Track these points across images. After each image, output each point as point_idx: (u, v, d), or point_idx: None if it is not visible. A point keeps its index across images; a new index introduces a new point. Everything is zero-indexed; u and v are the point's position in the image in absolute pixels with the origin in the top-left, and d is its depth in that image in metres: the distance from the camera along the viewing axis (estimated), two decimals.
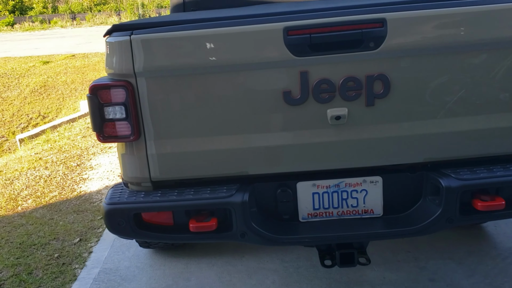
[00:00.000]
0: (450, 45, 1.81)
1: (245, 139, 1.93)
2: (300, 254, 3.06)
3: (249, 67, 1.85)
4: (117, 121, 1.90)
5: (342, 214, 2.03)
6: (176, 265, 3.06)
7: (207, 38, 1.82)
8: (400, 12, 1.79)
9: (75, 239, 3.45)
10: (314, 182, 1.99)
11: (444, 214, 1.89)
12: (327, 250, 2.14)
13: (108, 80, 1.89)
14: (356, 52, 1.81)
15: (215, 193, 1.92)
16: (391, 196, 2.01)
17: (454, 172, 1.91)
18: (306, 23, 1.80)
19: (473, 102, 1.88)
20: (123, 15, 23.14)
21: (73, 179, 4.68)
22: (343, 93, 1.85)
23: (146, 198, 1.95)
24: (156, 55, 1.84)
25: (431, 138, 1.92)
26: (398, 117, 1.89)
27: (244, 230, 1.92)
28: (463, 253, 2.94)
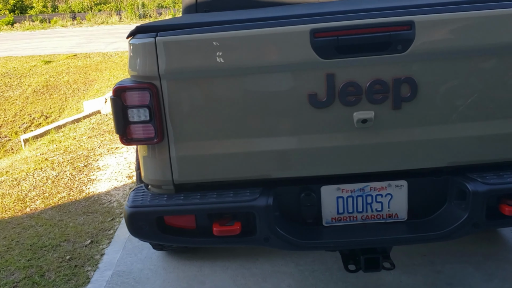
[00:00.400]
0: (478, 48, 1.79)
1: (269, 141, 1.90)
2: (315, 257, 3.04)
3: (275, 69, 1.83)
4: (141, 123, 1.87)
5: (366, 219, 2.01)
6: (189, 268, 3.03)
7: (233, 40, 1.80)
8: (428, 14, 1.77)
9: (86, 241, 3.42)
10: (339, 186, 1.97)
11: (470, 219, 1.87)
12: (350, 254, 2.12)
13: (132, 82, 1.86)
14: (384, 55, 1.79)
15: (239, 197, 1.90)
16: (416, 201, 1.99)
17: (480, 176, 1.89)
18: (334, 25, 1.77)
19: (500, 106, 1.86)
20: (123, 14, 23.11)
21: (80, 180, 4.65)
22: (369, 96, 1.83)
23: (169, 201, 1.93)
24: (181, 57, 1.82)
25: (457, 142, 1.90)
26: (424, 120, 1.87)
27: (268, 234, 1.90)
28: (479, 258, 2.92)
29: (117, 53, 12.97)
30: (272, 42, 1.80)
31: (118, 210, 3.92)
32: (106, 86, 9.75)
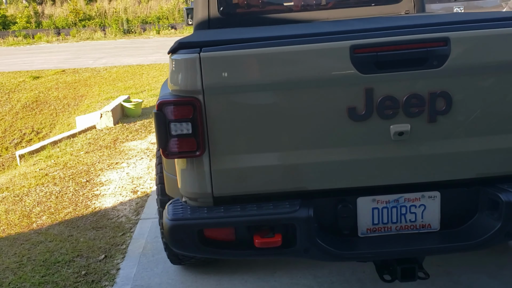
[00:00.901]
0: (509, 64, 1.88)
1: (307, 154, 1.95)
2: (332, 269, 3.07)
3: (316, 84, 1.88)
4: (183, 137, 1.90)
5: (400, 229, 2.06)
6: (208, 281, 3.04)
7: (276, 55, 1.86)
8: (463, 31, 1.85)
9: (100, 256, 3.40)
10: (374, 197, 2.02)
11: (503, 228, 1.94)
12: (384, 264, 2.16)
13: (175, 96, 1.90)
14: (420, 70, 1.86)
15: (279, 208, 1.94)
16: (448, 211, 2.05)
17: (511, 187, 1.96)
18: (373, 41, 1.84)
19: None
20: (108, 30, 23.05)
21: (85, 195, 4.61)
22: (406, 110, 1.89)
23: (210, 214, 1.95)
24: (225, 72, 1.86)
25: (487, 154, 1.98)
26: (457, 133, 1.95)
27: (308, 245, 1.94)
28: (494, 267, 2.99)
29: (105, 68, 12.93)
30: (314, 58, 1.85)
31: (127, 225, 3.90)
32: (96, 101, 9.68)
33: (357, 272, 3.02)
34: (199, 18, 3.43)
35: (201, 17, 3.41)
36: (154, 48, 16.29)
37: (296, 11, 3.57)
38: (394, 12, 3.50)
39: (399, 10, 3.49)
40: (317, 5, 3.62)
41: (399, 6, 3.49)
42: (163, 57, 14.56)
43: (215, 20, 3.39)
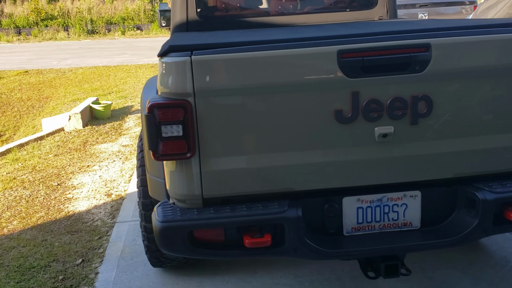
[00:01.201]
0: (487, 69, 1.98)
1: (296, 155, 2.00)
2: (312, 268, 3.14)
3: (305, 87, 1.94)
4: (174, 139, 1.92)
5: (384, 228, 2.14)
6: (189, 283, 3.04)
7: (267, 59, 1.90)
8: (443, 38, 1.94)
9: (77, 260, 3.35)
10: (359, 197, 2.09)
11: (480, 225, 2.04)
12: (368, 262, 2.24)
13: (166, 99, 1.91)
14: (403, 75, 1.95)
15: (269, 209, 1.98)
16: (428, 209, 2.14)
17: (487, 186, 2.07)
18: (360, 46, 1.91)
19: (504, 121, 2.06)
20: (71, 31, 22.56)
21: (57, 198, 4.52)
22: (390, 112, 1.97)
23: (201, 215, 1.97)
24: (216, 75, 1.89)
25: (465, 154, 2.08)
26: (437, 135, 2.04)
27: (297, 245, 1.98)
28: (465, 263, 3.13)
29: (71, 69, 12.66)
30: (303, 61, 1.91)
31: (103, 228, 3.85)
32: (62, 103, 9.46)
33: (336, 270, 3.10)
34: (177, 21, 3.43)
35: (179, 19, 3.42)
36: (120, 49, 16.06)
37: (274, 15, 3.63)
38: (368, 17, 3.60)
39: (373, 16, 3.61)
40: (294, 9, 3.68)
41: (373, 12, 3.60)
42: (130, 59, 14.38)
43: (193, 22, 3.40)
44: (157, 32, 22.68)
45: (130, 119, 7.48)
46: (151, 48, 17.25)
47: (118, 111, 7.99)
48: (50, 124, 7.37)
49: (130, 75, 11.62)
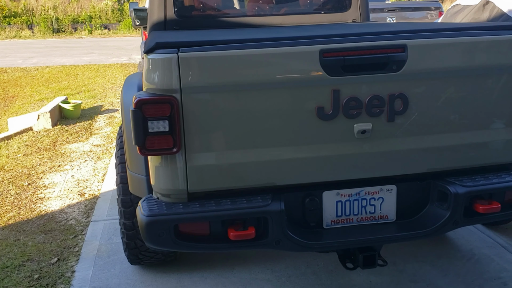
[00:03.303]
0: (459, 69, 2.10)
1: (279, 151, 2.07)
2: (288, 263, 3.21)
3: (288, 84, 2.00)
4: (160, 134, 1.95)
5: (361, 220, 2.23)
6: (168, 280, 3.06)
7: (252, 57, 1.96)
8: (419, 39, 2.05)
9: (53, 259, 3.31)
10: (338, 191, 2.18)
11: (452, 217, 2.16)
12: (346, 254, 2.32)
13: (153, 95, 1.94)
14: (381, 74, 2.04)
15: (253, 203, 2.03)
16: (403, 203, 2.25)
17: (458, 180, 2.19)
18: (340, 46, 2.00)
19: (474, 119, 2.18)
20: (36, 29, 22.04)
21: (28, 198, 4.44)
22: (368, 110, 2.06)
23: (186, 209, 2.01)
24: (202, 72, 1.93)
25: (438, 150, 2.19)
26: (412, 132, 2.14)
27: (280, 237, 2.05)
28: (433, 256, 3.27)
29: (37, 68, 12.39)
30: (287, 60, 1.98)
31: (78, 227, 3.82)
32: (29, 102, 9.25)
33: (312, 265, 3.18)
34: (155, 19, 3.45)
35: (157, 18, 3.44)
36: (88, 48, 15.80)
37: (251, 15, 3.69)
38: (342, 20, 3.72)
39: (347, 18, 3.72)
40: (270, 11, 3.76)
41: (347, 15, 3.71)
42: (98, 58, 14.17)
43: (171, 21, 3.43)
44: (125, 32, 22.40)
45: (100, 119, 7.40)
46: (119, 47, 17.05)
47: (88, 111, 7.88)
48: (17, 124, 7.20)
49: (98, 75, 11.46)
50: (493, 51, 2.13)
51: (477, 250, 3.33)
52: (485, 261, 3.19)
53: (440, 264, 3.18)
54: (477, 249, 3.34)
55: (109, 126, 6.97)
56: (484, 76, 2.16)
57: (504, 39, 2.12)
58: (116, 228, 3.68)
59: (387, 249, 3.29)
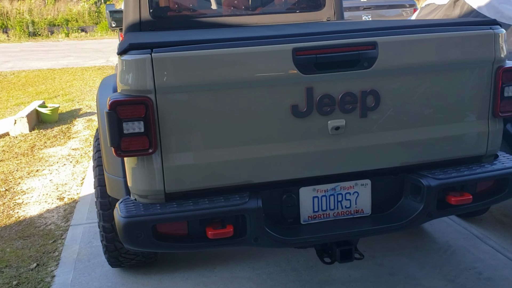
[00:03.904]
0: (428, 65, 2.16)
1: (255, 149, 2.09)
2: (269, 260, 3.24)
3: (262, 83, 2.03)
4: (136, 135, 1.95)
5: (337, 215, 2.27)
6: (149, 281, 3.06)
7: (225, 57, 1.98)
8: (389, 36, 2.10)
9: (32, 265, 3.28)
10: (314, 187, 2.21)
11: (425, 210, 2.21)
12: (324, 248, 2.36)
13: (127, 96, 1.94)
14: (353, 71, 2.08)
15: (230, 201, 2.05)
16: (378, 197, 2.29)
17: (430, 173, 2.24)
18: (313, 44, 2.03)
19: (444, 113, 2.24)
20: (11, 32, 21.67)
21: (5, 204, 4.38)
22: (342, 106, 2.10)
23: (164, 209, 2.02)
24: (176, 72, 1.95)
25: (410, 145, 2.24)
26: (384, 127, 2.19)
27: (258, 234, 2.07)
28: (411, 249, 3.33)
29: (13, 72, 12.20)
30: (260, 59, 2.00)
31: (57, 232, 3.79)
32: (5, 107, 9.10)
33: (292, 261, 3.22)
34: (130, 21, 3.44)
35: (132, 19, 3.43)
36: (65, 52, 15.60)
37: (226, 15, 3.71)
38: (316, 18, 3.76)
39: (321, 17, 3.76)
40: (245, 10, 3.78)
41: (321, 13, 3.76)
42: (76, 61, 14.02)
43: (146, 22, 3.43)
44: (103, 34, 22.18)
45: (78, 122, 7.33)
46: (97, 50, 16.88)
47: (66, 115, 7.80)
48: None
49: (76, 78, 11.34)
50: (462, 47, 2.19)
51: (453, 241, 3.40)
52: (460, 252, 3.26)
53: (417, 256, 3.25)
54: (453, 240, 3.41)
55: (87, 130, 6.91)
56: (454, 71, 2.21)
57: (472, 35, 2.18)
58: (96, 231, 3.66)
59: (365, 243, 3.35)
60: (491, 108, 2.28)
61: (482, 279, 2.96)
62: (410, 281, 2.96)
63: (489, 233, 3.48)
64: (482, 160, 2.38)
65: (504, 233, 3.48)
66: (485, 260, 3.15)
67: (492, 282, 2.92)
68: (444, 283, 2.93)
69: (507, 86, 2.26)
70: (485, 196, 2.34)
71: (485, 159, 2.38)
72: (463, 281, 2.94)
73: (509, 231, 3.51)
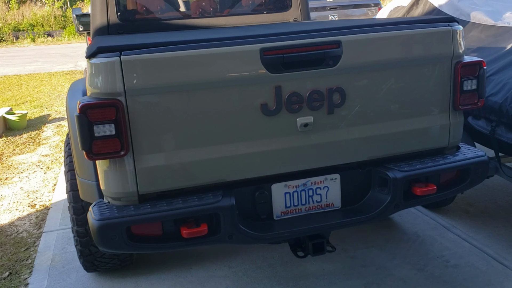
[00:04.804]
0: (391, 62, 2.24)
1: (226, 148, 2.13)
2: (245, 258, 3.29)
3: (231, 83, 2.07)
4: (107, 138, 1.97)
5: (309, 210, 2.33)
6: (125, 285, 3.07)
7: (194, 58, 2.01)
8: (352, 35, 2.17)
9: (4, 274, 3.24)
10: (286, 183, 2.27)
11: (392, 201, 2.29)
12: (297, 243, 2.42)
13: (97, 99, 1.96)
14: (319, 69, 2.15)
15: (204, 200, 2.09)
16: (347, 190, 2.36)
17: (396, 165, 2.33)
18: (280, 44, 2.08)
19: (407, 108, 2.33)
20: None
21: None
22: (309, 104, 2.16)
23: (138, 211, 2.03)
24: (146, 74, 1.97)
25: (376, 139, 2.32)
26: (351, 122, 2.26)
27: (232, 231, 2.11)
28: (381, 241, 3.43)
29: None
30: (229, 59, 2.04)
31: (30, 239, 3.74)
32: None
33: (267, 258, 3.27)
34: (98, 24, 3.44)
35: (100, 23, 3.43)
36: (31, 57, 15.28)
37: (195, 17, 3.74)
38: (283, 19, 3.83)
39: (288, 18, 3.83)
40: (214, 12, 3.82)
41: (288, 14, 3.83)
42: (43, 66, 13.76)
43: (114, 26, 3.42)
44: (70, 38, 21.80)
45: (48, 128, 7.22)
46: (64, 54, 16.60)
47: (35, 121, 7.67)
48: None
49: (44, 83, 11.15)
50: (422, 43, 2.28)
51: (422, 232, 3.52)
52: (429, 242, 3.38)
53: (388, 247, 3.35)
54: (421, 231, 3.53)
55: (57, 135, 6.81)
56: (415, 67, 2.30)
57: (431, 32, 2.27)
58: (70, 237, 3.63)
59: (338, 237, 3.43)
60: (452, 102, 2.39)
61: (450, 266, 3.07)
62: (382, 272, 3.05)
63: (455, 223, 3.62)
64: (445, 152, 2.48)
65: (469, 222, 3.62)
66: (452, 249, 3.27)
67: (459, 269, 3.04)
68: (414, 272, 3.03)
69: (466, 80, 2.36)
70: (448, 186, 2.45)
71: (447, 151, 2.48)
72: (431, 270, 3.05)
73: (473, 220, 3.65)
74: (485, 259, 3.12)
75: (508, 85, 2.95)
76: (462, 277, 2.96)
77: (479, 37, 3.61)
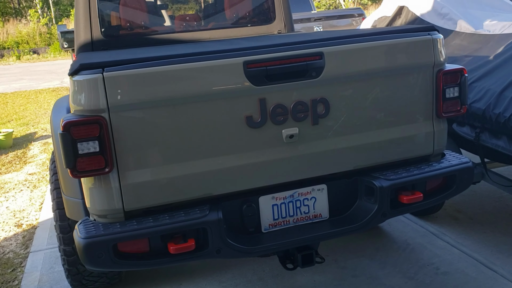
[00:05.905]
0: (375, 71, 2.26)
1: (212, 162, 2.12)
2: (235, 272, 3.26)
3: (216, 96, 2.07)
4: (91, 155, 1.95)
5: (297, 221, 2.32)
6: None
7: (177, 72, 2.01)
8: (334, 46, 2.19)
9: None
10: (273, 195, 2.26)
11: (379, 210, 2.29)
12: (286, 255, 2.41)
13: (81, 116, 1.94)
14: (302, 80, 2.16)
15: (190, 215, 2.07)
16: (334, 200, 2.36)
17: (382, 174, 2.33)
18: (263, 57, 2.09)
19: (390, 117, 2.35)
20: None
21: None
22: (294, 115, 2.17)
23: (124, 228, 2.01)
24: (129, 90, 1.96)
25: (361, 149, 2.33)
26: (336, 132, 2.27)
27: (220, 246, 2.10)
28: (371, 250, 3.43)
29: None
30: (212, 73, 2.04)
31: (16, 260, 3.68)
32: None
33: (258, 271, 3.25)
34: (82, 41, 3.42)
35: (84, 39, 3.42)
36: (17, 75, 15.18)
37: (179, 31, 3.74)
38: (267, 31, 3.85)
39: (272, 30, 3.86)
40: (198, 26, 3.83)
41: (272, 27, 3.85)
42: (29, 84, 13.68)
43: (98, 42, 3.41)
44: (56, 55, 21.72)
45: (34, 146, 7.15)
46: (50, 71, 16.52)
47: (21, 139, 7.60)
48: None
49: (30, 101, 11.08)
50: (403, 53, 2.31)
51: (411, 240, 3.52)
52: (419, 250, 3.38)
53: (378, 257, 3.34)
54: (411, 239, 3.54)
55: (44, 153, 6.75)
56: (398, 76, 2.32)
57: (412, 41, 2.30)
58: (57, 256, 3.58)
59: (328, 247, 3.43)
60: (435, 110, 2.41)
61: (440, 273, 3.08)
62: (372, 281, 3.05)
63: (444, 229, 3.63)
64: (430, 160, 2.50)
65: (458, 228, 3.63)
66: (441, 256, 3.28)
67: (449, 276, 3.05)
68: (404, 281, 3.03)
69: (448, 88, 2.39)
70: (435, 193, 2.46)
71: (432, 158, 2.50)
72: (422, 277, 3.05)
73: (462, 226, 3.67)
74: (475, 265, 3.13)
75: (491, 92, 2.99)
76: (452, 284, 2.97)
77: (461, 45, 3.66)
